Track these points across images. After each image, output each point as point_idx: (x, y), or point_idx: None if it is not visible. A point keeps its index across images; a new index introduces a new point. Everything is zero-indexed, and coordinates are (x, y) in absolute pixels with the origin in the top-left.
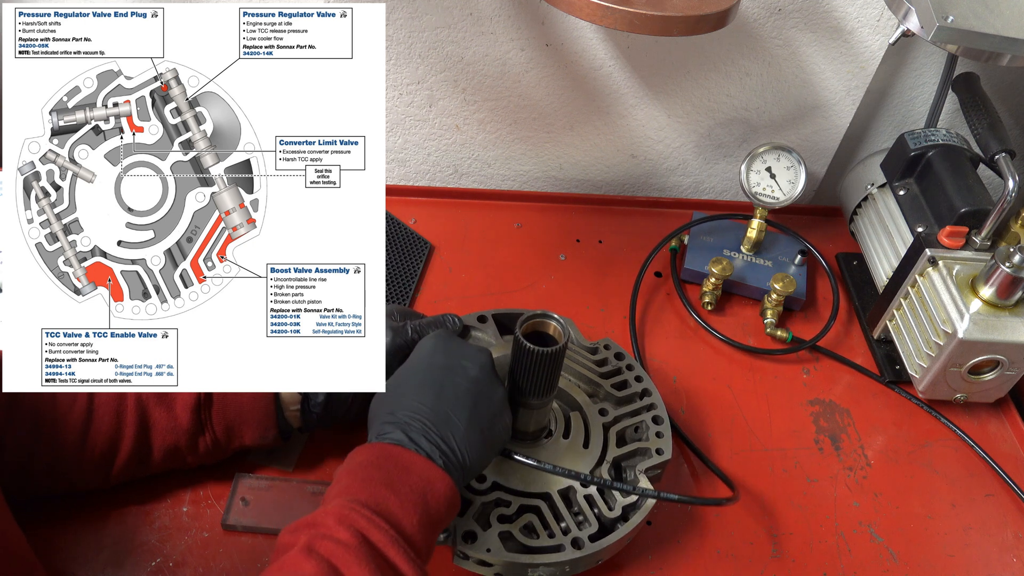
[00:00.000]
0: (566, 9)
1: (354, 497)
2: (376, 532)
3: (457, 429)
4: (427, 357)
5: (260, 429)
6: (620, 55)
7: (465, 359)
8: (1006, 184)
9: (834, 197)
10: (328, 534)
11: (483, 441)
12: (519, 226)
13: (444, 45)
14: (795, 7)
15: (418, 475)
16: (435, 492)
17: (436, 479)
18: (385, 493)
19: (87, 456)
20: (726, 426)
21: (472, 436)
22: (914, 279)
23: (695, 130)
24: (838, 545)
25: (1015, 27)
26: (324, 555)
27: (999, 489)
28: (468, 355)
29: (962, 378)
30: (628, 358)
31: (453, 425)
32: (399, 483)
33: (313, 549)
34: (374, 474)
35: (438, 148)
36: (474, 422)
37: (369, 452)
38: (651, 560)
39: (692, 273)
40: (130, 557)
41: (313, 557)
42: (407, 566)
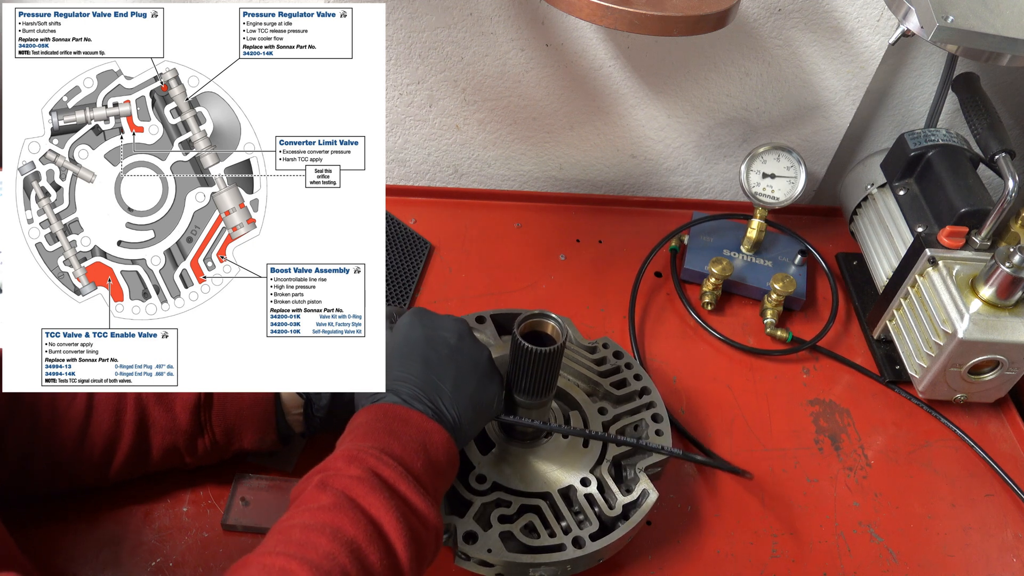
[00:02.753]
0: (566, 9)
1: (360, 443)
2: (385, 468)
3: (444, 393)
4: (406, 332)
5: (259, 433)
6: (620, 55)
7: (443, 330)
8: (1006, 184)
9: (834, 197)
10: (340, 471)
11: (472, 405)
12: (519, 226)
13: (444, 45)
14: (795, 7)
15: (416, 427)
16: (434, 443)
17: (433, 431)
18: (389, 440)
19: (86, 455)
20: (726, 426)
21: (460, 400)
22: (914, 279)
23: (695, 130)
24: (838, 545)
25: (1015, 27)
26: (338, 488)
27: (999, 489)
28: (445, 326)
29: (962, 378)
30: (627, 357)
31: (440, 390)
32: (400, 433)
33: (327, 484)
34: (376, 426)
35: (438, 148)
36: (460, 386)
37: (367, 413)
38: (651, 560)
39: (692, 273)
40: (130, 557)
41: (328, 490)
42: (418, 498)
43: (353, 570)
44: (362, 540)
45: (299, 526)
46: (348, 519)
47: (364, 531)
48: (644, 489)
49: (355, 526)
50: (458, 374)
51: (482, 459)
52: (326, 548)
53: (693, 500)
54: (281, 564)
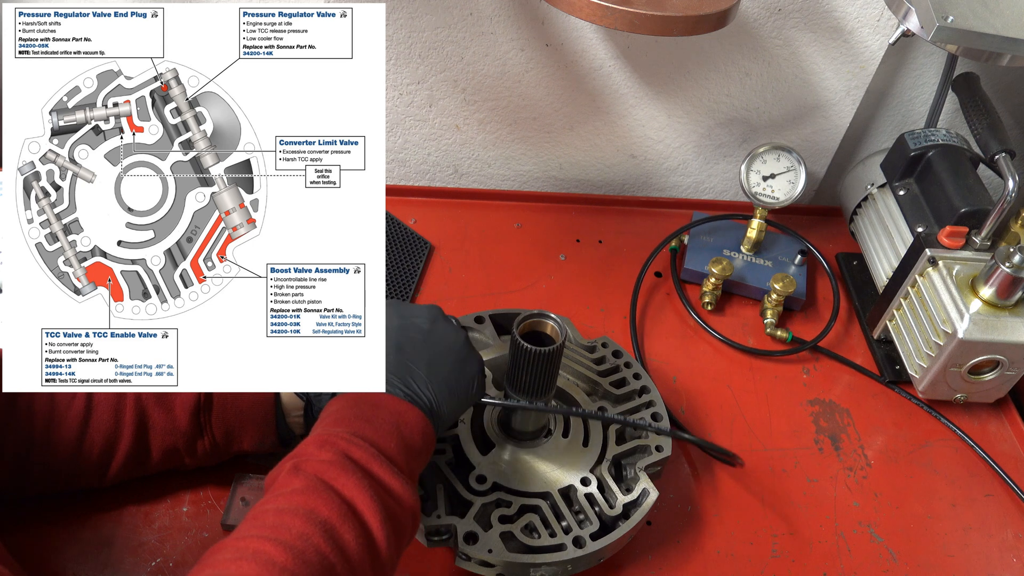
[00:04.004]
0: (566, 9)
1: (331, 428)
2: (357, 450)
3: (418, 376)
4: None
5: (259, 434)
6: (620, 55)
7: (415, 317)
8: (1006, 184)
9: (834, 197)
10: (312, 456)
11: (447, 387)
12: (519, 226)
13: (444, 45)
14: (795, 7)
15: (389, 409)
16: (407, 424)
17: (406, 411)
18: (360, 424)
19: (85, 455)
20: (726, 426)
21: (435, 381)
22: (914, 279)
23: (695, 130)
24: (838, 545)
25: (1015, 27)
26: (310, 472)
27: (999, 489)
28: (417, 312)
29: (962, 378)
30: (626, 356)
31: (414, 373)
32: (372, 416)
33: (299, 468)
34: (348, 412)
35: (438, 148)
36: (435, 368)
37: (338, 401)
38: (651, 560)
39: (692, 273)
40: (130, 557)
41: (300, 474)
42: (392, 478)
43: (327, 549)
44: (336, 520)
45: (272, 510)
46: (321, 500)
47: (338, 511)
48: (644, 488)
49: (328, 507)
50: (431, 357)
51: (482, 459)
52: (300, 529)
53: (693, 500)
54: (255, 547)
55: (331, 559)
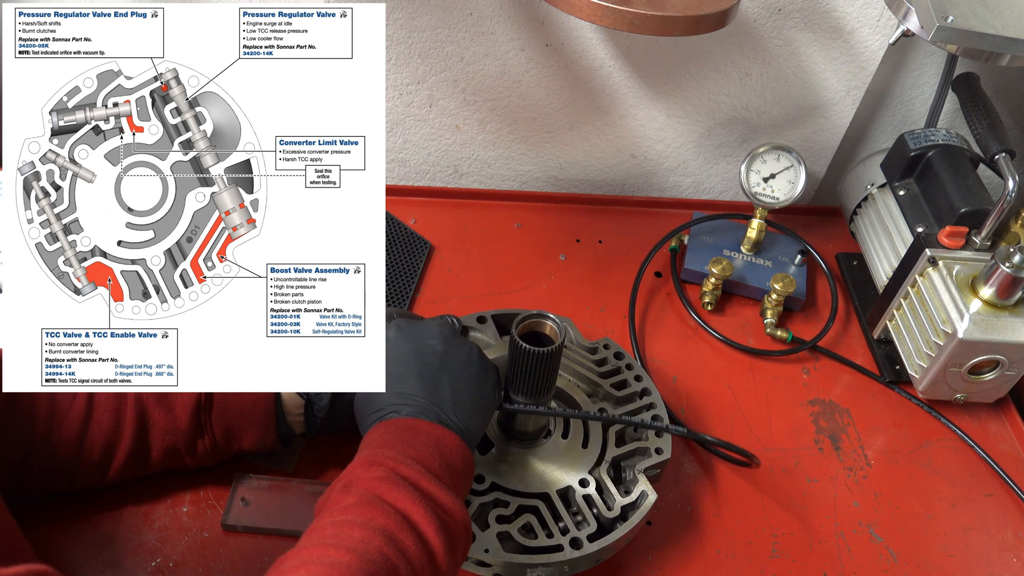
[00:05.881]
0: (566, 9)
1: (377, 451)
2: (405, 468)
3: (445, 403)
4: (394, 348)
5: (260, 434)
6: (620, 55)
7: (428, 338)
8: (1006, 184)
9: (834, 197)
10: (361, 475)
11: (474, 405)
12: (519, 226)
13: (444, 45)
14: (795, 7)
15: (427, 433)
16: (447, 446)
17: (444, 435)
18: (404, 447)
19: (85, 455)
20: (726, 426)
21: (461, 404)
22: (914, 279)
23: (695, 130)
24: (838, 545)
25: (1015, 27)
26: (362, 488)
27: (999, 489)
28: (428, 333)
29: (962, 378)
30: (627, 357)
31: (441, 400)
32: (414, 440)
33: (350, 487)
34: (389, 437)
35: (438, 148)
36: (459, 391)
37: (378, 428)
38: (651, 560)
39: (692, 273)
40: (130, 557)
41: (352, 491)
42: (441, 492)
43: (390, 551)
44: (394, 528)
45: (330, 523)
46: (377, 511)
47: (395, 521)
48: (643, 491)
49: (385, 517)
50: (453, 379)
51: (480, 459)
52: (360, 535)
53: (693, 500)
54: (318, 552)
55: (394, 561)
